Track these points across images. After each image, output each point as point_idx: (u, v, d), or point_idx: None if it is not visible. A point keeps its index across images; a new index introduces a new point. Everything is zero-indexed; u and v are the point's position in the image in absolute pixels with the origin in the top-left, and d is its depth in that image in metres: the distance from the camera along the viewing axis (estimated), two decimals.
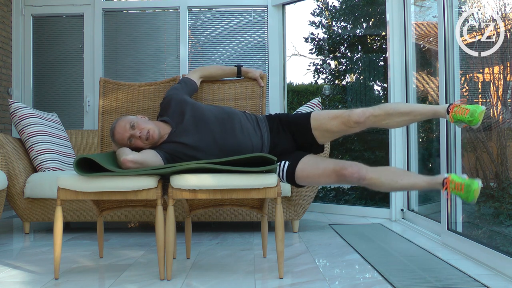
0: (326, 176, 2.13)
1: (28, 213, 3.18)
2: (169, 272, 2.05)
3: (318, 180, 2.18)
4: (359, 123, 2.16)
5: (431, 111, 2.17)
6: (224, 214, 3.15)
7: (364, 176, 2.07)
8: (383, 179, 2.08)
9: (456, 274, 2.10)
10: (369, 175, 2.07)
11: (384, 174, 2.09)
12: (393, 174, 2.10)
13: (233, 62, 4.40)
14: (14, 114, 3.36)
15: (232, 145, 2.24)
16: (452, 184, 1.98)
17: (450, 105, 2.09)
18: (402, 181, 2.07)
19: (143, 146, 2.22)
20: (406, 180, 2.08)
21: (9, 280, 2.08)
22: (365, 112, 2.15)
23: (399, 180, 2.08)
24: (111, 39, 4.45)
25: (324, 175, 2.13)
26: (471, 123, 2.01)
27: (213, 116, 2.29)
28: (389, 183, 2.08)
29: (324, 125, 2.25)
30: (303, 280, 2.04)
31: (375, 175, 2.08)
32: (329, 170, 2.11)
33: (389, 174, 2.10)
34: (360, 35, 4.65)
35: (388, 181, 2.08)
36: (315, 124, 2.28)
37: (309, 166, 2.17)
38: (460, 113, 2.04)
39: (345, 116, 2.19)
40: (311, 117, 2.30)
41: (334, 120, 2.22)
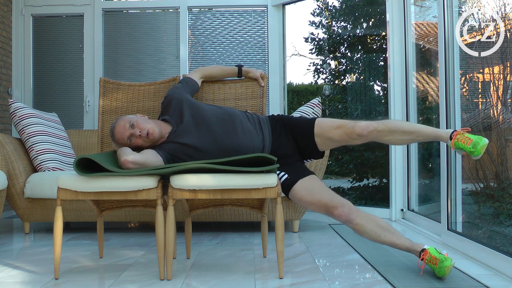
0: (316, 207, 2.17)
1: (28, 213, 3.18)
2: (169, 272, 2.05)
3: (308, 206, 2.23)
4: (361, 136, 2.17)
5: (434, 134, 2.19)
6: (224, 214, 3.15)
7: (351, 221, 2.12)
8: (368, 229, 2.12)
9: (456, 274, 2.10)
10: (356, 221, 2.11)
11: (370, 225, 2.13)
12: (378, 227, 2.13)
13: (233, 62, 4.40)
14: (14, 114, 3.36)
15: (233, 145, 2.24)
16: (428, 256, 2.03)
17: (454, 132, 2.11)
18: (384, 237, 2.12)
19: (143, 145, 2.22)
20: (388, 238, 2.13)
21: (9, 280, 2.08)
22: (368, 126, 2.16)
23: (382, 236, 2.12)
24: (111, 39, 4.45)
25: (315, 205, 2.17)
26: (472, 154, 2.03)
27: (214, 117, 2.29)
28: (372, 235, 2.13)
29: (327, 133, 2.26)
30: (303, 280, 2.04)
31: (361, 222, 2.12)
32: (321, 204, 2.15)
33: (375, 225, 2.13)
34: (360, 35, 4.65)
35: (372, 233, 2.12)
36: (318, 131, 2.28)
37: (305, 191, 2.19)
38: (462, 142, 2.05)
39: (349, 127, 2.20)
40: (315, 124, 2.30)
41: (338, 130, 2.23)
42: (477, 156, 2.02)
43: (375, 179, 4.39)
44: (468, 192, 2.93)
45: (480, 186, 2.91)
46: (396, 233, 2.15)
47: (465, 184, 2.82)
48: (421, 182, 3.64)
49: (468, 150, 2.02)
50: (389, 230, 2.14)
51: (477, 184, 2.92)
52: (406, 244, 2.12)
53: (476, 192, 2.94)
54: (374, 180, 4.39)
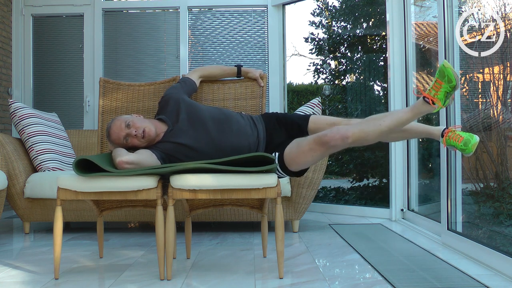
0: (311, 150, 2.06)
1: (28, 213, 3.18)
2: (169, 272, 2.05)
3: (306, 158, 2.10)
4: None
5: (426, 131, 2.20)
6: (224, 214, 3.15)
7: (346, 134, 1.99)
8: (367, 129, 2.01)
9: (456, 274, 2.10)
10: (351, 131, 1.99)
11: (366, 125, 2.03)
12: (374, 120, 2.04)
13: (233, 62, 4.40)
14: (14, 114, 3.36)
15: (229, 145, 2.24)
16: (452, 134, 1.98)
17: (445, 129, 2.13)
18: (385, 121, 2.01)
19: (139, 144, 2.22)
20: (389, 118, 2.02)
21: (9, 280, 2.08)
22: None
23: (382, 122, 2.01)
24: (111, 39, 4.45)
25: (308, 149, 2.07)
26: (463, 151, 2.04)
27: (210, 117, 2.29)
28: (374, 129, 2.01)
29: (321, 129, 2.25)
30: (303, 280, 2.04)
31: (357, 129, 2.01)
32: (311, 143, 2.05)
33: (371, 121, 2.04)
34: (360, 35, 4.65)
35: (372, 128, 2.01)
36: (313, 127, 2.29)
37: (294, 147, 2.14)
38: (454, 139, 2.06)
39: (343, 124, 2.20)
40: (310, 120, 2.31)
41: (331, 126, 2.22)
42: (469, 154, 2.03)
43: (375, 179, 4.39)
44: (468, 192, 2.93)
45: (480, 186, 2.92)
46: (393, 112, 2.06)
47: (465, 184, 2.82)
48: (421, 182, 3.64)
49: (459, 148, 2.04)
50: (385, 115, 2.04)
51: (477, 184, 2.92)
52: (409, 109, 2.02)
53: (476, 192, 2.94)
54: (374, 180, 4.39)
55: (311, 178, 3.09)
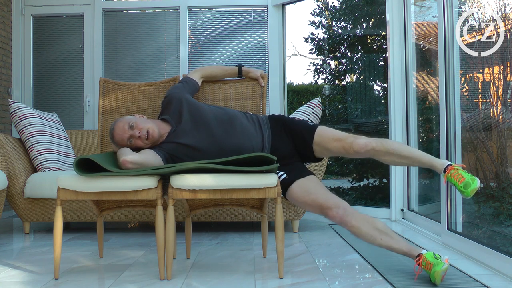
0: (312, 207, 2.16)
1: (28, 213, 3.18)
2: (169, 272, 2.05)
3: (304, 207, 2.21)
4: (358, 153, 2.19)
5: (429, 162, 2.18)
6: (224, 214, 3.15)
7: (346, 223, 2.08)
8: (363, 232, 2.08)
9: (456, 274, 2.10)
10: (351, 223, 2.07)
11: (366, 227, 2.08)
12: (374, 229, 2.09)
13: (233, 62, 4.40)
14: (14, 114, 3.36)
15: (232, 146, 2.24)
16: (423, 261, 1.98)
17: (449, 165, 2.11)
18: (381, 241, 2.08)
19: (143, 145, 2.22)
20: (384, 242, 2.08)
21: (9, 280, 2.08)
22: (367, 145, 2.16)
23: (378, 239, 2.08)
24: (111, 39, 4.45)
25: (310, 206, 2.16)
26: (462, 193, 2.04)
27: (214, 117, 2.29)
28: (368, 238, 2.09)
29: (325, 143, 2.27)
30: (303, 280, 2.04)
31: (357, 224, 2.07)
32: (316, 204, 2.13)
33: (371, 228, 2.09)
34: (360, 35, 4.65)
35: (368, 236, 2.08)
36: (318, 139, 2.29)
37: (301, 191, 2.17)
38: (455, 178, 2.06)
39: (348, 142, 2.20)
40: (316, 132, 2.30)
41: (336, 142, 2.24)
42: (467, 197, 2.04)
43: (375, 179, 4.39)
44: None
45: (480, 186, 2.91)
46: (394, 236, 2.11)
47: None
48: (421, 182, 3.64)
49: (458, 188, 2.04)
50: (386, 233, 2.10)
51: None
52: (403, 249, 2.08)
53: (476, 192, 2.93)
54: (374, 180, 4.39)
55: None
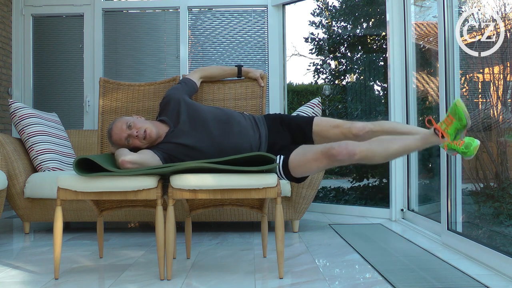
0: (316, 160, 2.07)
1: (28, 213, 3.18)
2: (169, 272, 2.05)
3: (310, 167, 2.12)
4: (357, 136, 2.18)
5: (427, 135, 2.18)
6: (224, 214, 3.15)
7: (354, 151, 1.99)
8: (375, 149, 2.01)
9: (456, 274, 2.10)
10: (359, 149, 2.00)
11: (375, 144, 2.02)
12: (383, 142, 2.03)
13: (233, 62, 4.40)
14: (14, 114, 3.36)
15: (231, 146, 2.24)
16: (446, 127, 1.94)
17: None
18: (394, 145, 2.01)
19: (141, 145, 2.23)
20: (398, 144, 2.01)
21: (9, 280, 2.08)
22: (364, 127, 2.18)
23: (392, 146, 2.01)
24: (111, 39, 4.45)
25: (314, 159, 2.08)
26: (464, 154, 2.03)
27: (212, 117, 2.30)
28: (381, 152, 2.01)
29: (325, 132, 2.28)
30: (303, 280, 2.04)
31: (365, 147, 2.01)
32: (318, 154, 2.07)
33: (380, 143, 2.03)
34: (360, 35, 4.65)
35: (380, 150, 2.01)
36: (316, 129, 2.30)
37: (299, 154, 2.15)
38: (455, 143, 2.06)
39: (346, 127, 2.22)
40: (314, 122, 2.32)
41: (335, 129, 2.25)
42: (470, 157, 2.03)
43: (375, 179, 4.39)
44: (468, 192, 2.93)
45: (480, 186, 2.92)
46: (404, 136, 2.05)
47: (465, 184, 2.82)
48: (421, 182, 3.64)
49: (460, 151, 2.04)
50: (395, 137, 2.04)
51: (477, 184, 2.92)
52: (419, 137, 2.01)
53: (476, 192, 2.94)
54: (374, 180, 4.39)
55: (311, 178, 3.09)
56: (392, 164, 3.61)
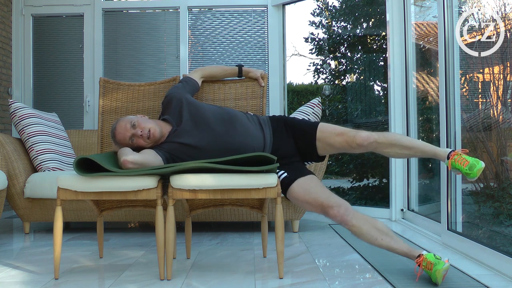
0: (312, 206, 2.14)
1: (28, 213, 3.18)
2: (169, 272, 2.05)
3: (304, 206, 2.19)
4: (361, 146, 2.19)
5: (432, 151, 2.19)
6: (224, 214, 3.15)
7: (346, 222, 2.06)
8: (364, 232, 2.07)
9: (456, 274, 2.10)
10: (352, 223, 2.06)
11: (367, 227, 2.07)
12: (375, 230, 2.08)
13: (233, 62, 4.40)
14: (14, 114, 3.36)
15: (233, 145, 2.24)
16: (424, 262, 1.97)
17: (452, 152, 2.12)
18: (381, 241, 2.07)
19: (145, 145, 2.23)
20: (385, 242, 2.07)
21: (9, 280, 2.08)
22: (369, 137, 2.18)
23: (379, 239, 2.07)
24: (111, 39, 4.45)
25: (311, 204, 2.14)
26: (467, 175, 2.04)
27: (214, 116, 2.29)
28: (369, 238, 2.07)
29: (328, 138, 2.27)
30: (303, 280, 2.04)
31: (358, 223, 2.06)
32: (317, 203, 2.11)
33: (372, 228, 2.08)
34: (360, 35, 4.65)
35: (369, 236, 2.07)
36: (320, 135, 2.29)
37: (302, 190, 2.16)
38: (459, 162, 2.07)
39: (350, 136, 2.21)
40: (318, 128, 2.31)
41: (339, 137, 2.24)
42: (473, 178, 2.04)
43: (375, 179, 4.39)
44: (468, 192, 2.93)
45: (480, 186, 2.92)
46: (394, 237, 2.10)
47: (465, 184, 2.82)
48: (421, 182, 3.64)
49: (464, 172, 2.05)
50: (387, 233, 2.09)
51: (477, 184, 2.92)
52: (404, 249, 2.07)
53: (476, 192, 2.94)
54: (374, 180, 4.39)
55: None
56: (392, 164, 3.61)
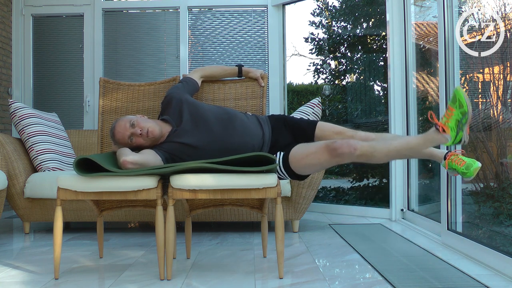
0: (317, 153, 2.08)
1: (28, 213, 3.18)
2: (169, 272, 2.05)
3: (312, 161, 2.11)
4: None
5: (429, 152, 2.19)
6: (224, 214, 3.15)
7: (355, 146, 2.01)
8: (375, 145, 2.03)
9: (456, 274, 2.10)
10: (360, 144, 2.02)
11: (376, 142, 2.06)
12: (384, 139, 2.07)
13: (233, 62, 4.40)
14: (14, 114, 3.36)
15: (233, 145, 2.24)
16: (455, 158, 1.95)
17: (448, 152, 2.14)
18: (395, 142, 2.02)
19: (144, 144, 2.23)
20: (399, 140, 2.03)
21: (9, 280, 2.08)
22: (367, 137, 2.19)
23: (392, 142, 2.02)
24: (111, 39, 4.45)
25: (315, 152, 2.08)
26: (464, 175, 2.05)
27: (214, 116, 2.30)
28: (382, 148, 2.02)
29: (327, 137, 2.29)
30: (303, 280, 2.04)
31: (366, 143, 2.04)
32: (320, 148, 2.08)
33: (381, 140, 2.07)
34: (360, 35, 4.65)
35: (381, 146, 2.02)
36: (319, 133, 2.31)
37: (301, 149, 2.16)
38: (456, 162, 2.08)
39: (348, 135, 2.23)
40: (317, 126, 2.33)
41: (337, 136, 2.26)
42: (469, 178, 2.04)
43: (375, 179, 4.39)
44: (468, 192, 2.93)
45: (480, 186, 2.92)
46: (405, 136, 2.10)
47: (465, 184, 2.82)
48: (421, 182, 3.64)
49: (460, 171, 2.06)
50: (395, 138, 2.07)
51: (477, 184, 2.92)
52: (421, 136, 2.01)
53: (476, 192, 2.94)
54: (374, 180, 4.39)
55: (311, 178, 3.09)
56: (392, 164, 3.61)
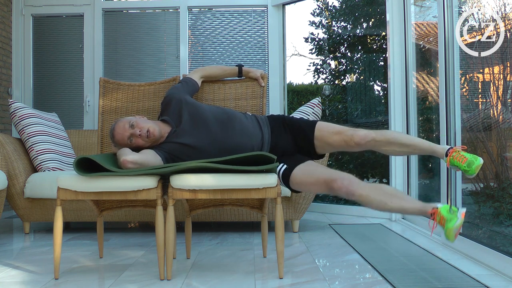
0: (317, 185, 2.13)
1: (28, 213, 3.18)
2: (169, 272, 2.05)
3: (310, 188, 2.19)
4: (359, 145, 2.19)
5: (430, 149, 2.18)
6: (224, 214, 3.15)
7: (353, 192, 2.03)
8: (373, 198, 2.03)
9: (456, 274, 2.10)
10: (359, 192, 2.03)
11: (375, 193, 2.04)
12: (384, 194, 2.04)
13: (233, 62, 4.40)
14: (14, 114, 3.36)
15: (232, 145, 2.24)
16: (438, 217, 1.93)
17: (450, 149, 2.12)
18: (391, 204, 2.02)
19: (143, 144, 2.23)
20: (396, 204, 2.03)
21: (9, 280, 2.08)
22: (367, 136, 2.18)
23: (388, 203, 2.02)
24: (111, 39, 4.45)
25: (315, 184, 2.13)
26: (466, 172, 2.04)
27: (213, 117, 2.30)
28: (378, 204, 2.04)
29: (326, 137, 2.28)
30: (303, 280, 2.04)
31: (365, 192, 2.03)
32: (320, 181, 2.11)
33: (380, 193, 2.04)
34: (360, 35, 4.65)
35: (377, 201, 2.03)
36: (318, 134, 2.30)
37: (303, 173, 2.17)
38: (457, 159, 2.06)
39: (348, 135, 2.21)
40: (316, 127, 2.32)
41: (337, 135, 2.25)
42: (471, 175, 2.03)
43: (375, 179, 4.39)
44: (468, 192, 2.93)
45: (480, 186, 2.92)
46: (405, 196, 2.06)
47: (465, 184, 2.82)
48: (421, 182, 3.64)
49: (462, 168, 2.04)
50: (395, 195, 2.04)
51: (477, 184, 2.92)
52: (417, 206, 2.01)
53: (476, 192, 2.94)
54: (374, 180, 4.39)
55: None
56: (392, 164, 3.61)
